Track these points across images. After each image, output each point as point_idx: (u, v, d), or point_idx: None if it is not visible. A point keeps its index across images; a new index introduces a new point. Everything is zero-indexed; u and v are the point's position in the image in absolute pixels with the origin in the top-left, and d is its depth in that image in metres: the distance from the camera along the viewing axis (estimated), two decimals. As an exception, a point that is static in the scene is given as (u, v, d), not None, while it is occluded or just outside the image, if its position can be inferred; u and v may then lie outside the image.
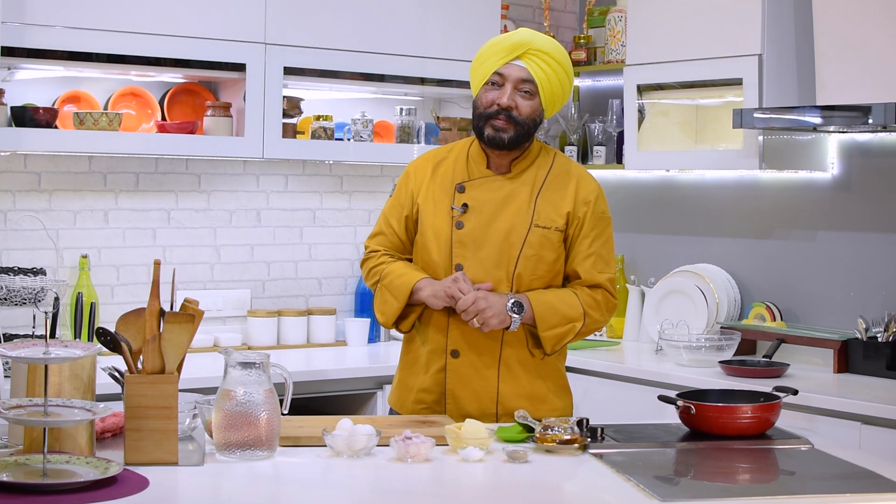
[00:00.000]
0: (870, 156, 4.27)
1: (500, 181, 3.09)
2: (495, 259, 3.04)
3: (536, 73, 3.02)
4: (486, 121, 3.04)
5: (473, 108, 3.10)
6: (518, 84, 3.03)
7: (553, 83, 3.05)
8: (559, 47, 3.07)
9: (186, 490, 2.30)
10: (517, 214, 3.06)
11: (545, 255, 3.05)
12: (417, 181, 3.15)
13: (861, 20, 3.86)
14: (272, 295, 4.62)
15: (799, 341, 4.20)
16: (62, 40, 3.83)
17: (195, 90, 4.37)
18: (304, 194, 4.69)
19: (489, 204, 3.07)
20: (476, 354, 3.05)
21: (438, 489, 2.37)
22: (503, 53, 3.03)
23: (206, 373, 3.65)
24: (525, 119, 3.03)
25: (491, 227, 3.05)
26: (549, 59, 3.03)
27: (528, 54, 3.02)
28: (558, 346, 3.07)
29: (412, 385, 3.13)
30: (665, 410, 2.88)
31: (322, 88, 4.59)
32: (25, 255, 4.08)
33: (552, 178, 3.11)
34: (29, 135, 3.82)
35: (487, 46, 3.08)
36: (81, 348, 2.32)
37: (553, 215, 3.07)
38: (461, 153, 3.16)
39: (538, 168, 3.12)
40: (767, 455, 2.68)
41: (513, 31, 3.09)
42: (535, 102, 3.05)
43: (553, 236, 3.06)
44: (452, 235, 3.06)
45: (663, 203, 4.95)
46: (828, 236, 4.38)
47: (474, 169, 3.12)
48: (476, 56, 3.11)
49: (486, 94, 3.06)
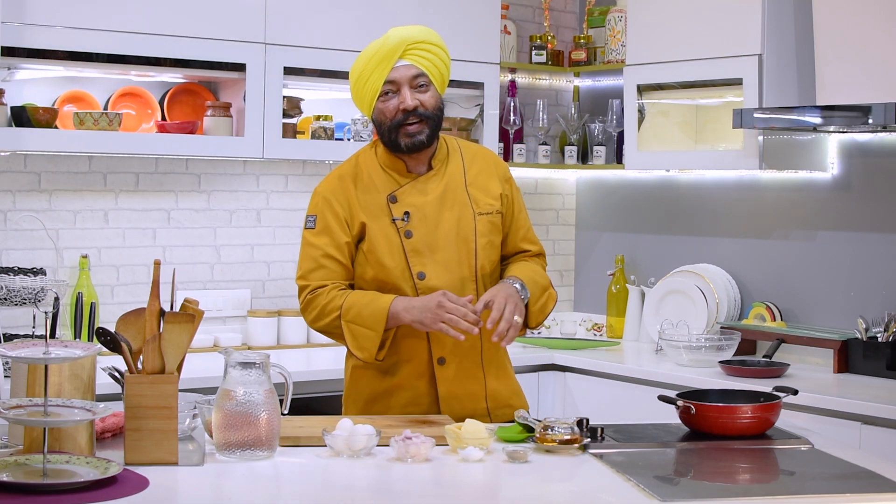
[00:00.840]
0: (870, 156, 4.27)
1: (427, 181, 3.06)
2: (455, 258, 3.02)
3: (423, 64, 3.00)
4: (397, 131, 2.98)
5: (378, 125, 3.02)
6: (411, 82, 2.99)
7: (439, 66, 3.03)
8: (429, 30, 3.05)
9: (186, 490, 2.30)
10: (459, 208, 3.04)
11: (494, 240, 3.07)
12: (341, 204, 3.02)
13: (861, 20, 3.86)
14: (272, 295, 4.62)
15: (799, 341, 4.20)
16: (62, 40, 3.83)
17: (195, 90, 4.37)
18: (304, 194, 4.69)
19: (428, 206, 3.03)
20: (461, 355, 3.03)
21: (438, 489, 2.37)
22: (385, 60, 2.97)
23: (206, 373, 3.65)
24: (433, 111, 3.01)
25: (439, 228, 3.02)
26: (427, 45, 3.01)
27: (408, 51, 2.99)
28: (541, 318, 3.07)
29: (391, 403, 3.04)
30: (665, 410, 2.88)
31: (322, 88, 4.59)
32: (25, 255, 4.08)
33: (468, 162, 3.11)
34: (29, 135, 3.82)
35: (364, 61, 2.99)
36: (81, 348, 2.32)
37: (488, 199, 3.08)
38: (370, 166, 3.07)
39: (454, 158, 3.10)
40: (767, 455, 2.68)
41: (384, 36, 3.00)
42: (433, 91, 3.02)
43: (496, 219, 3.08)
44: (404, 246, 3.00)
45: (663, 203, 4.95)
46: (828, 236, 4.38)
47: (396, 177, 3.05)
48: (355, 77, 3.02)
49: (385, 105, 2.98)
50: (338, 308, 2.94)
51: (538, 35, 5.10)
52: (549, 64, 5.07)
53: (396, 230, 3.01)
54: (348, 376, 3.14)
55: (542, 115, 5.07)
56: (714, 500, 2.30)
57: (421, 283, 2.99)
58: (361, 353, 2.95)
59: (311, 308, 2.99)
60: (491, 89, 4.72)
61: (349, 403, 3.12)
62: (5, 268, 3.83)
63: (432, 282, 2.99)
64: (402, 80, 2.98)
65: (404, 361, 3.03)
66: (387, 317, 2.90)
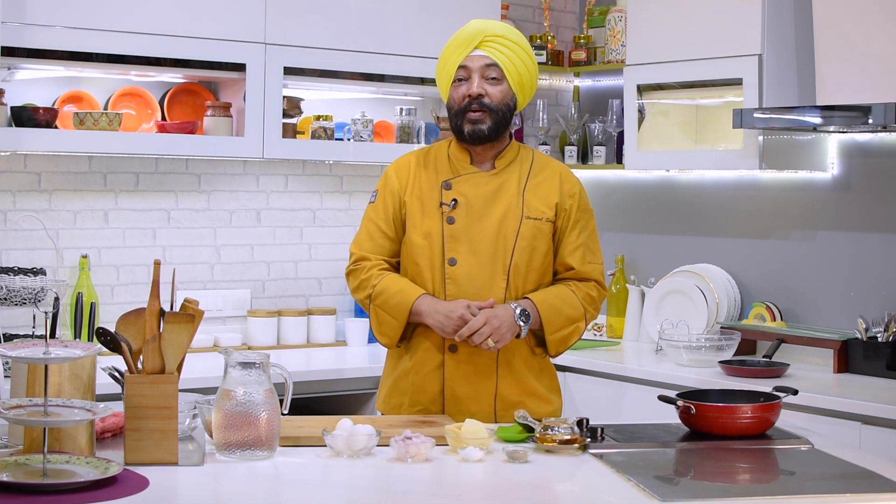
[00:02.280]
0: (870, 156, 4.27)
1: (485, 176, 3.11)
2: (490, 252, 3.04)
3: (498, 56, 3.05)
4: (462, 116, 3.06)
5: (448, 110, 3.12)
6: (483, 71, 3.05)
7: (517, 65, 3.07)
8: (514, 30, 3.11)
9: (186, 490, 2.30)
10: (508, 207, 3.08)
11: (539, 246, 3.08)
12: (401, 182, 3.14)
13: (861, 20, 3.86)
14: (272, 295, 4.62)
15: (799, 341, 4.20)
16: (62, 40, 3.84)
17: (195, 90, 4.37)
18: (304, 194, 4.69)
19: (478, 199, 3.08)
20: (474, 348, 3.04)
21: (438, 489, 2.37)
22: (461, 47, 3.06)
23: (206, 373, 3.65)
24: (498, 105, 3.06)
25: (482, 222, 3.06)
26: (507, 41, 3.06)
27: (485, 42, 3.05)
28: (562, 347, 3.10)
29: (405, 388, 3.11)
30: (665, 410, 2.88)
31: (322, 88, 4.59)
32: (25, 255, 4.08)
33: (535, 171, 3.15)
34: (29, 135, 3.82)
35: (445, 48, 3.11)
36: (81, 348, 2.32)
37: (542, 207, 3.10)
38: (441, 153, 3.17)
39: (521, 163, 3.15)
40: (767, 455, 2.68)
41: (465, 25, 3.11)
42: (505, 87, 3.07)
43: (545, 227, 3.09)
44: (444, 231, 3.06)
45: (663, 203, 4.95)
46: (828, 236, 4.38)
47: (458, 166, 3.13)
48: (439, 62, 3.13)
49: (455, 90, 3.08)
50: (371, 288, 3.07)
51: (538, 35, 5.10)
52: (549, 64, 5.07)
53: (441, 214, 3.06)
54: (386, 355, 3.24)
55: (542, 115, 5.07)
56: (714, 500, 2.30)
57: (450, 270, 3.04)
58: (382, 339, 3.09)
59: (352, 278, 3.14)
60: (491, 89, 4.71)
61: (382, 384, 3.22)
62: (5, 268, 3.83)
63: (461, 270, 3.03)
64: (473, 68, 3.06)
65: (419, 344, 3.08)
66: (410, 311, 3.01)
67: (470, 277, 3.02)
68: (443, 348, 3.06)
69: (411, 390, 3.10)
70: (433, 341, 3.07)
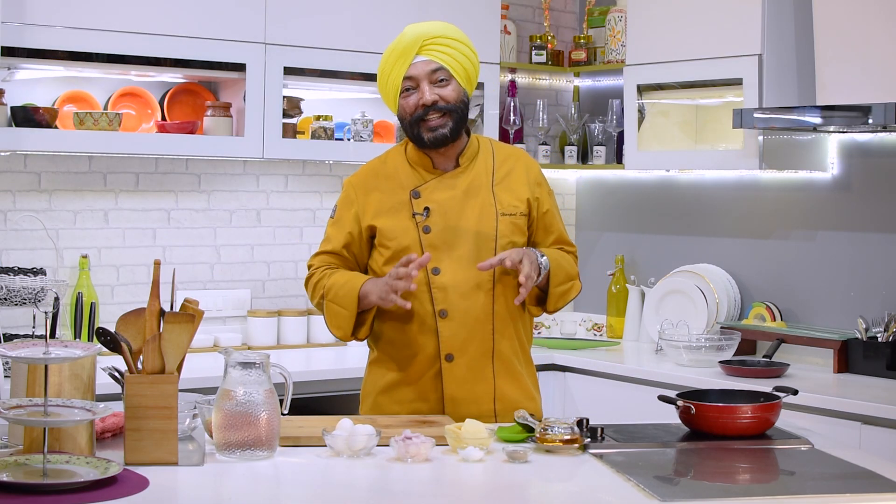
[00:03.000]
0: (870, 156, 4.27)
1: (452, 178, 3.07)
2: (472, 255, 3.01)
3: (441, 58, 3.00)
4: (418, 125, 3.01)
5: (400, 120, 3.06)
6: (430, 77, 3.00)
7: (461, 60, 3.03)
8: (448, 25, 3.06)
9: (186, 490, 2.30)
10: (481, 206, 3.05)
11: (517, 240, 3.06)
12: (360, 201, 3.08)
13: (861, 20, 3.86)
14: (272, 295, 4.62)
15: (799, 341, 4.20)
16: (62, 40, 3.84)
17: (195, 90, 4.37)
18: (304, 194, 4.69)
19: (450, 202, 3.04)
20: (470, 354, 3.03)
21: (438, 489, 2.37)
22: (402, 57, 3.00)
23: (206, 373, 3.65)
24: (455, 104, 3.01)
25: (459, 225, 3.03)
26: (445, 40, 3.01)
27: (424, 47, 3.00)
28: (560, 303, 3.10)
29: (400, 398, 3.07)
30: (665, 410, 2.87)
31: (322, 88, 4.59)
32: (25, 255, 4.08)
33: (499, 163, 3.11)
34: (29, 135, 3.82)
35: (384, 60, 3.04)
36: (81, 348, 2.32)
37: (514, 201, 3.08)
38: (399, 161, 3.11)
39: (483, 157, 3.11)
40: (767, 455, 2.68)
41: (400, 34, 3.04)
42: (455, 85, 3.02)
43: (519, 221, 3.07)
44: (421, 241, 3.01)
45: (663, 203, 4.95)
46: (828, 236, 4.38)
47: (422, 172, 3.07)
48: (379, 76, 3.06)
49: (405, 101, 3.02)
50: (322, 288, 3.04)
51: (538, 35, 5.10)
52: (549, 64, 5.08)
53: (416, 225, 3.02)
54: (366, 370, 3.19)
55: (542, 115, 5.07)
56: (714, 500, 2.30)
57: (435, 279, 3.00)
58: (337, 332, 3.05)
59: (308, 288, 3.12)
60: (491, 89, 4.72)
61: (364, 397, 3.17)
62: (5, 268, 3.83)
63: (447, 277, 3.00)
64: (420, 76, 3.00)
65: (413, 356, 3.04)
66: (358, 296, 2.97)
67: (456, 283, 2.99)
68: (439, 358, 3.03)
69: (407, 400, 3.06)
70: (426, 352, 3.02)
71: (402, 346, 3.05)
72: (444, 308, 3.00)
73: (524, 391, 3.12)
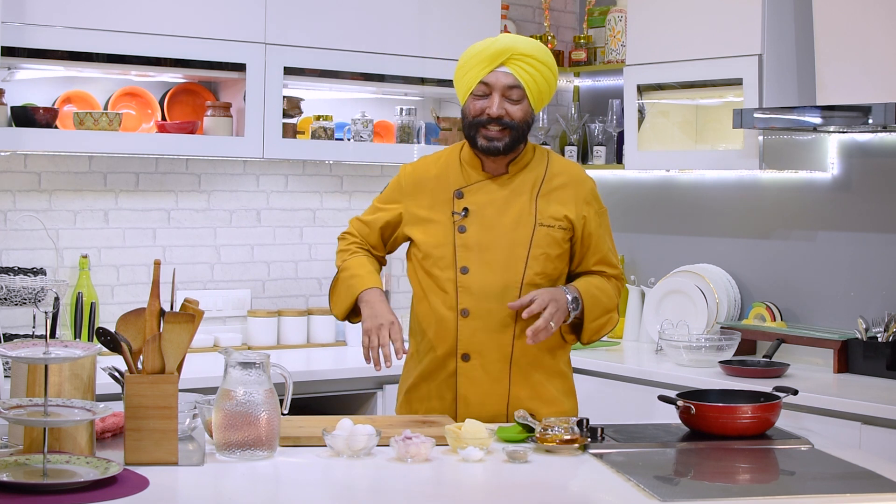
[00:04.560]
0: (870, 156, 4.27)
1: (498, 184, 3.08)
2: (503, 261, 3.02)
3: (523, 77, 3.00)
4: (476, 129, 3.02)
5: (463, 117, 3.08)
6: (505, 91, 3.00)
7: (539, 83, 3.02)
8: (541, 47, 3.05)
9: (186, 490, 2.30)
10: (520, 215, 3.05)
11: (551, 252, 3.05)
12: (409, 191, 3.12)
13: (861, 20, 3.86)
14: (272, 295, 4.62)
15: (799, 341, 4.20)
16: (62, 40, 3.84)
17: (195, 90, 4.37)
18: (304, 194, 4.69)
19: (490, 206, 3.05)
20: (487, 357, 3.02)
21: (438, 489, 2.37)
22: (486, 62, 3.00)
23: (206, 373, 3.65)
24: (518, 123, 3.02)
25: (494, 230, 3.04)
26: (533, 61, 3.00)
27: (511, 60, 2.99)
28: (595, 337, 3.11)
29: (422, 394, 3.09)
30: (665, 410, 2.88)
31: (322, 88, 4.59)
32: (25, 255, 4.08)
33: (550, 177, 3.10)
34: (29, 135, 3.82)
35: (470, 56, 3.04)
36: (81, 348, 2.32)
37: (557, 214, 3.06)
38: (453, 159, 3.14)
39: (534, 168, 3.11)
40: (767, 455, 2.68)
41: (493, 39, 3.04)
42: (525, 105, 3.03)
43: (558, 234, 3.05)
44: (455, 240, 3.04)
45: (663, 203, 4.95)
46: (828, 236, 4.38)
47: (471, 173, 3.09)
48: (459, 65, 3.07)
49: (473, 103, 3.03)
50: (342, 261, 3.15)
51: (538, 35, 5.10)
52: (549, 64, 5.07)
53: (453, 223, 3.05)
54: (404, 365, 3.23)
55: (542, 115, 5.07)
56: (714, 500, 2.30)
57: (462, 278, 3.01)
58: (333, 310, 3.15)
59: (340, 241, 3.23)
60: (491, 89, 4.71)
61: (398, 393, 3.21)
62: (5, 268, 3.83)
63: (473, 279, 3.01)
64: (496, 86, 3.01)
65: (432, 353, 3.07)
66: (356, 299, 3.05)
67: (482, 286, 3.00)
68: (455, 356, 3.03)
69: (427, 397, 3.08)
70: (443, 349, 3.04)
71: (425, 342, 3.09)
72: (466, 308, 3.01)
73: (543, 397, 3.07)
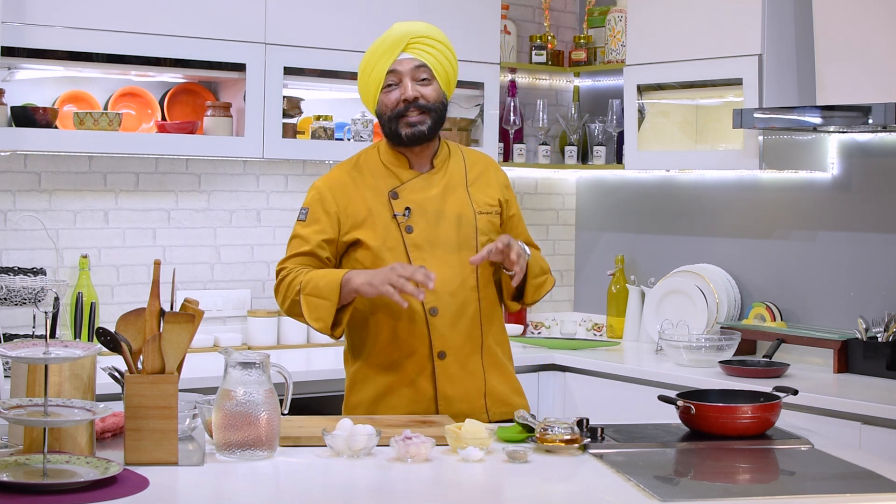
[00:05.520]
0: (870, 156, 4.27)
1: (428, 178, 3.09)
2: (455, 253, 3.04)
3: (426, 58, 3.04)
4: (397, 121, 3.03)
5: (379, 116, 3.07)
6: (413, 73, 3.03)
7: (443, 62, 3.07)
8: (437, 29, 3.10)
9: (186, 490, 2.30)
10: (460, 205, 3.08)
11: (494, 237, 3.07)
12: (338, 202, 3.05)
13: (861, 20, 3.86)
14: (272, 295, 4.61)
15: (799, 341, 4.20)
16: (62, 40, 3.84)
17: (195, 90, 4.37)
18: (303, 194, 4.67)
19: (429, 202, 3.06)
20: (462, 351, 3.04)
21: (438, 489, 2.37)
22: (388, 52, 3.03)
23: (206, 373, 3.65)
24: (434, 104, 3.05)
25: (440, 224, 3.05)
26: (431, 41, 3.05)
27: (411, 44, 3.04)
28: (537, 296, 3.14)
29: (394, 403, 3.03)
30: (665, 410, 2.88)
31: (322, 88, 4.59)
32: (25, 255, 4.08)
33: (470, 166, 3.16)
34: (29, 135, 3.82)
35: (370, 53, 3.07)
36: (81, 348, 2.32)
37: (488, 200, 3.13)
38: (373, 161, 3.11)
39: (455, 159, 3.16)
40: (767, 455, 2.68)
41: (388, 30, 3.08)
42: (436, 86, 3.07)
43: (495, 219, 3.13)
44: (405, 242, 3.02)
45: (663, 203, 4.95)
46: (828, 236, 4.38)
47: (399, 173, 3.08)
48: (361, 69, 3.09)
49: (387, 96, 3.04)
50: (298, 284, 2.96)
51: (538, 35, 5.10)
52: (549, 64, 5.07)
53: (397, 225, 3.03)
54: (348, 384, 3.13)
55: (542, 115, 5.07)
56: (714, 500, 2.30)
57: None
58: (317, 324, 2.94)
59: (279, 291, 3.02)
60: (491, 89, 4.72)
61: (349, 411, 3.09)
62: (5, 268, 3.83)
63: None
64: (404, 72, 3.04)
65: (405, 357, 3.03)
66: (340, 284, 2.90)
67: (442, 282, 2.99)
68: (431, 356, 3.02)
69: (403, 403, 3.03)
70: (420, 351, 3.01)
71: (394, 349, 3.03)
72: (434, 306, 3.01)
73: (512, 386, 3.15)
